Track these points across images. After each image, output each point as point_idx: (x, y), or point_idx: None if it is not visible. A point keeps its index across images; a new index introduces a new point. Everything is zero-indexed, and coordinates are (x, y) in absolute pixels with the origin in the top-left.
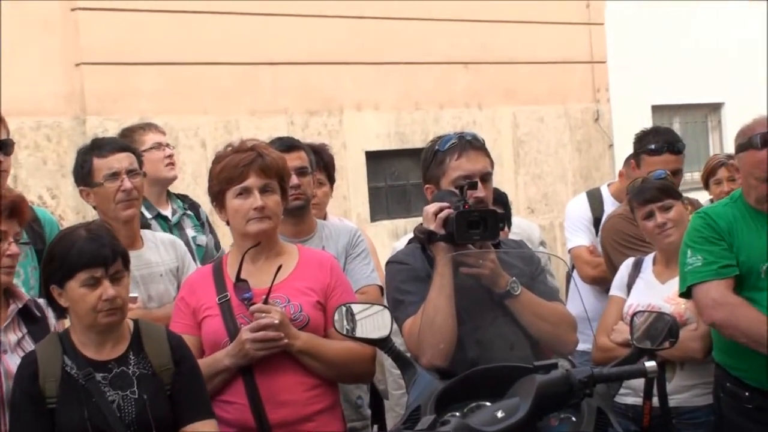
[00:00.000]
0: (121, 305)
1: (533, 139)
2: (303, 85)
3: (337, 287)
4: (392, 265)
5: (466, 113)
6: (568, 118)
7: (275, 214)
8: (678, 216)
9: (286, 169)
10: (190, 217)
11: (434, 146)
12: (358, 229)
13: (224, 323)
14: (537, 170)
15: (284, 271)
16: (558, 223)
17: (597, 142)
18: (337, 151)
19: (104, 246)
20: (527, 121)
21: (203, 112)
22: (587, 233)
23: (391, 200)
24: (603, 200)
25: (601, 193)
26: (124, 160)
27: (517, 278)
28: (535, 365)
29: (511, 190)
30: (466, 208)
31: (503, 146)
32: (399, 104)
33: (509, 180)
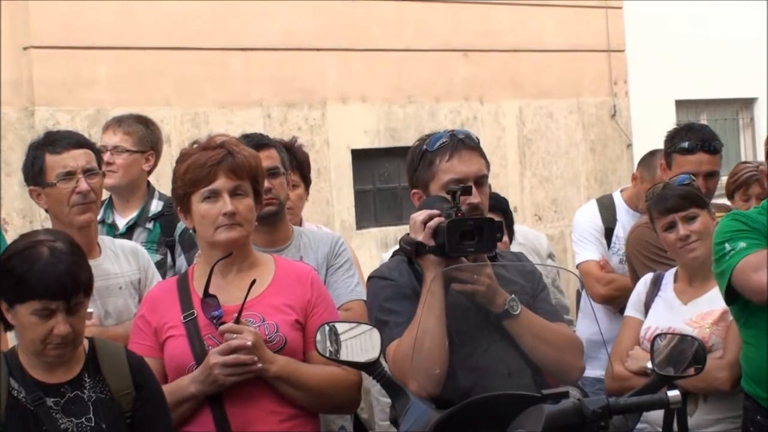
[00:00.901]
0: (74, 338)
1: (541, 137)
2: (280, 73)
3: (318, 304)
4: (375, 280)
5: (466, 107)
6: (581, 113)
7: (248, 221)
8: (703, 227)
9: (261, 169)
10: (149, 231)
11: (422, 146)
12: (340, 237)
13: (190, 345)
14: (545, 172)
15: (258, 285)
16: (569, 233)
17: (614, 141)
18: (319, 149)
19: (66, 274)
20: (535, 117)
21: (166, 104)
22: (598, 246)
23: (379, 205)
24: (615, 208)
25: (613, 200)
26: (81, 158)
27: (516, 296)
28: (544, 394)
29: (516, 194)
30: (459, 217)
31: (508, 145)
32: (390, 97)
33: (514, 183)
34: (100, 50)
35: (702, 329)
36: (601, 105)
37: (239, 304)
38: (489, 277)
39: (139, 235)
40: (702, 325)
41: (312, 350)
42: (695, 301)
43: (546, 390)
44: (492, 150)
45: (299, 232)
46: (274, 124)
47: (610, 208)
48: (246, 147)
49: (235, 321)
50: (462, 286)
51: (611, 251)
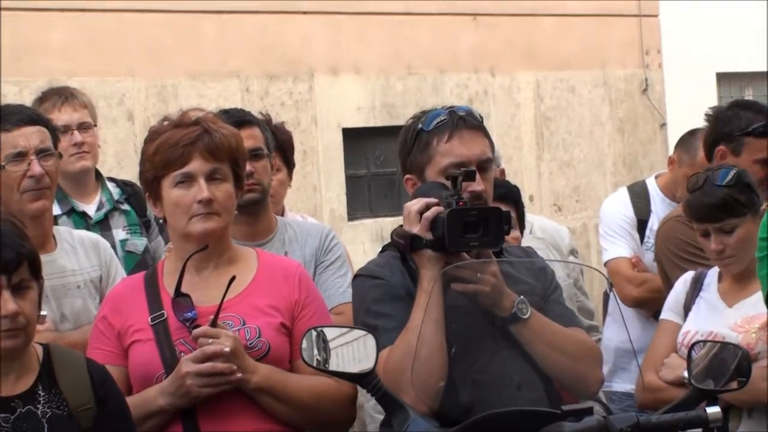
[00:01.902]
0: (25, 325)
1: (561, 115)
2: (261, 40)
3: (307, 305)
4: (361, 279)
5: (475, 80)
6: (607, 88)
7: (226, 209)
8: (743, 238)
9: (242, 149)
10: (127, 213)
11: (416, 124)
12: (330, 230)
13: (159, 351)
14: (566, 156)
15: (238, 283)
16: (593, 225)
17: (645, 119)
18: (306, 127)
19: (5, 247)
20: (554, 92)
21: (129, 75)
22: (629, 241)
23: (375, 193)
24: (650, 197)
25: (647, 187)
26: (34, 137)
27: (525, 297)
28: (564, 410)
29: (533, 181)
30: (461, 206)
31: (522, 124)
32: (386, 68)
33: (530, 168)
34: (52, 12)
35: (748, 334)
36: (630, 78)
37: (216, 304)
38: (495, 276)
39: (118, 220)
40: (748, 329)
41: (299, 358)
42: (741, 303)
43: (566, 406)
44: (504, 130)
45: (284, 224)
46: (253, 98)
47: (644, 197)
48: (225, 125)
49: (211, 324)
50: (464, 286)
51: (644, 247)
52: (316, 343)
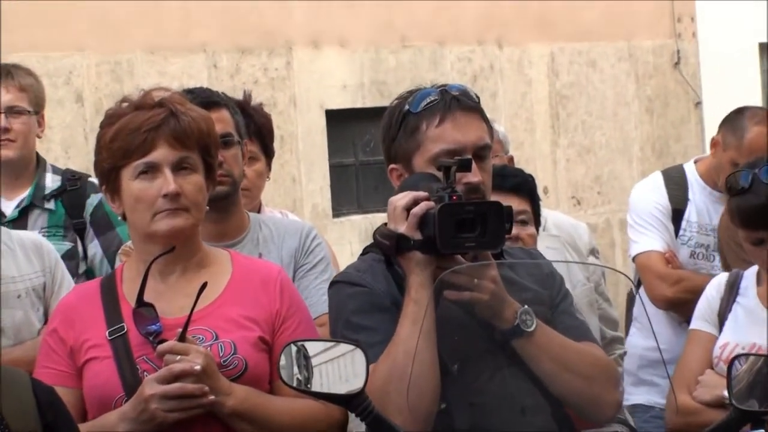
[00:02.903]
0: None
1: (581, 92)
2: (230, 9)
3: (290, 316)
4: (339, 287)
5: (480, 53)
6: (633, 61)
7: (196, 205)
8: None
9: (214, 135)
10: (51, 212)
11: (402, 106)
12: (312, 228)
13: (118, 370)
14: (586, 141)
15: (210, 291)
16: (618, 220)
17: (677, 98)
18: (283, 109)
19: None
20: (571, 67)
21: (77, 49)
22: (663, 232)
23: (363, 185)
24: (687, 184)
25: (685, 173)
26: None
27: (530, 306)
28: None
29: (547, 170)
30: (454, 200)
31: (535, 104)
32: (377, 39)
33: (544, 155)
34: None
35: None
36: (660, 50)
37: (184, 315)
38: (494, 282)
39: (37, 220)
40: None
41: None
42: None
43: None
44: (514, 111)
45: (257, 222)
46: (221, 75)
47: (681, 184)
48: (195, 107)
49: (179, 338)
50: (458, 294)
51: (679, 240)
52: (296, 360)
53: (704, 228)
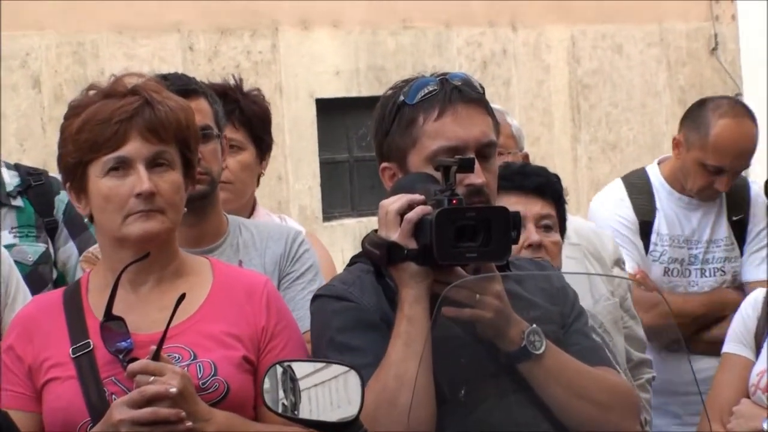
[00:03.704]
0: None
1: (605, 81)
2: None
3: (279, 333)
4: (323, 301)
5: (491, 36)
6: (664, 46)
7: (173, 206)
8: None
9: (194, 127)
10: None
11: (397, 96)
12: (299, 233)
13: (83, 392)
14: (611, 136)
15: (188, 303)
16: None
17: (714, 87)
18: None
19: None
20: (595, 52)
21: (37, 29)
22: (631, 251)
23: (359, 183)
24: (653, 191)
25: (648, 178)
26: None
27: (539, 326)
28: None
29: (567, 168)
30: (455, 205)
31: (554, 93)
32: (374, 20)
33: (563, 151)
34: None
35: None
36: (695, 34)
37: (158, 331)
38: (498, 298)
39: (5, 219)
40: None
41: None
42: None
43: None
44: (529, 101)
45: (237, 225)
46: (198, 59)
47: (645, 191)
48: (173, 95)
49: (153, 357)
50: (457, 311)
51: (650, 257)
52: (282, 383)
53: (677, 240)
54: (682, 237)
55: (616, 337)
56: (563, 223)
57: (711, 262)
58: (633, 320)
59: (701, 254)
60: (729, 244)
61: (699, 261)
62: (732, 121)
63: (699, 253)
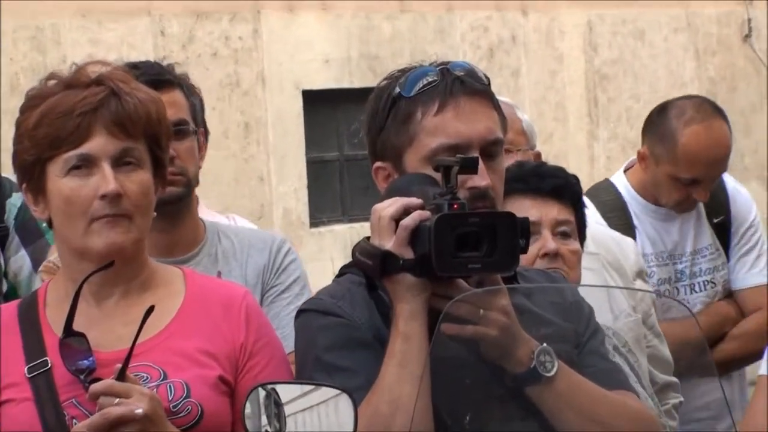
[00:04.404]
0: None
1: (625, 72)
2: None
3: (259, 351)
4: (309, 317)
5: (498, 21)
6: (692, 32)
7: (142, 210)
8: None
9: (165, 122)
10: None
11: (392, 88)
12: (284, 241)
13: (40, 415)
14: (632, 133)
15: (158, 317)
16: None
17: (748, 78)
18: (248, 88)
19: None
20: (614, 38)
21: None
22: None
23: (350, 185)
24: (626, 206)
25: (618, 192)
26: None
27: (550, 345)
28: None
29: (583, 168)
30: (456, 210)
31: (568, 85)
32: (368, 3)
33: (578, 149)
34: None
35: None
36: (726, 18)
37: (124, 348)
38: (505, 313)
39: None
40: None
41: None
42: None
43: None
44: (541, 93)
45: (215, 232)
46: (171, 45)
47: (618, 208)
48: (142, 85)
49: (117, 377)
50: (459, 329)
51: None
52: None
53: (661, 257)
54: (665, 253)
55: (641, 358)
56: (583, 229)
57: (699, 275)
58: (657, 338)
59: (687, 268)
60: (714, 251)
61: (686, 276)
62: (700, 127)
63: (685, 267)
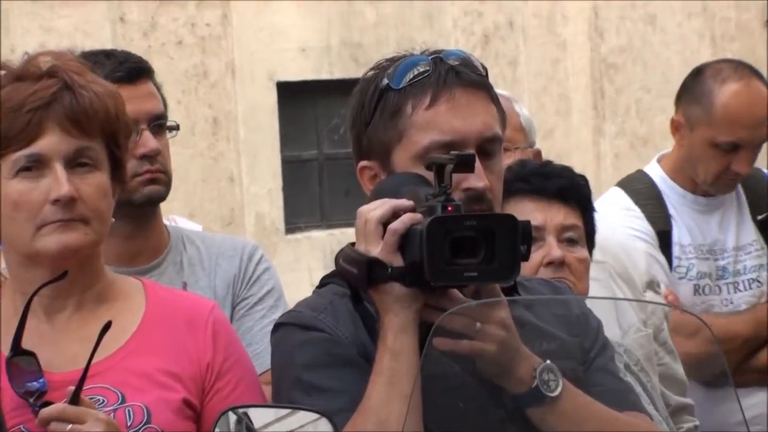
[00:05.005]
0: None
1: (635, 61)
2: None
3: (228, 372)
4: (288, 331)
5: (493, 4)
6: (708, 17)
7: (98, 215)
8: None
9: (124, 118)
10: None
11: (380, 79)
12: (256, 248)
13: None
14: (642, 128)
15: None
16: None
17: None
18: (217, 80)
19: None
20: (622, 25)
21: None
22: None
23: (329, 187)
24: (661, 195)
25: (652, 180)
26: None
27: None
28: None
29: (588, 167)
30: (450, 213)
31: (572, 75)
32: None
33: (583, 146)
34: None
35: None
36: (745, 2)
37: (78, 369)
38: (504, 327)
39: None
40: None
41: None
42: None
43: None
44: (542, 85)
45: (180, 238)
46: (131, 33)
47: (653, 197)
48: (98, 78)
49: (71, 400)
50: (454, 344)
51: (676, 274)
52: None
53: (701, 250)
54: (705, 246)
55: (653, 377)
56: (591, 236)
57: (743, 272)
58: (670, 355)
59: (730, 265)
60: (759, 249)
61: (729, 273)
62: (738, 84)
63: (727, 264)
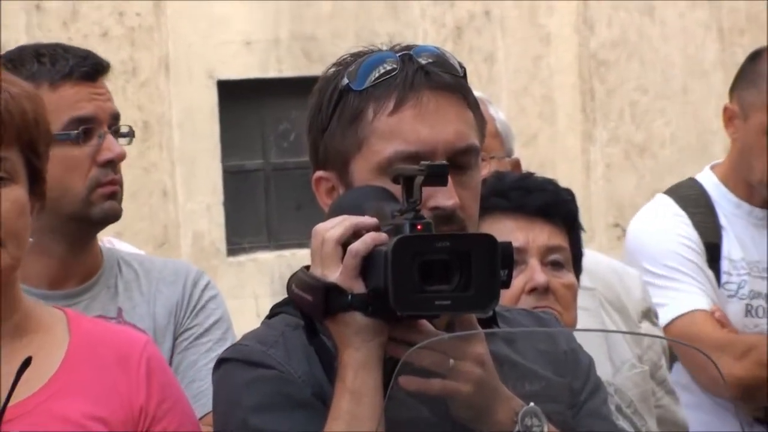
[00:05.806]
0: None
1: (630, 56)
2: None
3: (165, 416)
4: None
5: None
6: (714, 9)
7: (15, 234)
8: None
9: (44, 124)
10: None
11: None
12: (200, 273)
13: None
14: (639, 134)
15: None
16: None
17: None
18: (148, 78)
19: None
20: (616, 15)
21: None
22: (703, 282)
23: (277, 201)
24: (712, 203)
25: (704, 188)
26: None
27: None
28: None
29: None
30: (419, 231)
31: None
32: None
33: (570, 155)
34: None
35: None
36: None
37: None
38: (481, 364)
39: None
40: None
41: None
42: None
43: None
44: (523, 85)
45: (115, 260)
46: (49, 23)
47: (703, 205)
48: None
49: None
50: (423, 384)
51: (725, 291)
52: None
53: (756, 267)
54: (761, 264)
55: (649, 420)
56: (579, 259)
57: None
58: (669, 396)
59: None
60: None
61: None
62: None
63: None
